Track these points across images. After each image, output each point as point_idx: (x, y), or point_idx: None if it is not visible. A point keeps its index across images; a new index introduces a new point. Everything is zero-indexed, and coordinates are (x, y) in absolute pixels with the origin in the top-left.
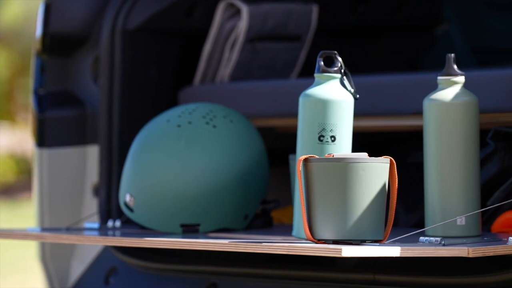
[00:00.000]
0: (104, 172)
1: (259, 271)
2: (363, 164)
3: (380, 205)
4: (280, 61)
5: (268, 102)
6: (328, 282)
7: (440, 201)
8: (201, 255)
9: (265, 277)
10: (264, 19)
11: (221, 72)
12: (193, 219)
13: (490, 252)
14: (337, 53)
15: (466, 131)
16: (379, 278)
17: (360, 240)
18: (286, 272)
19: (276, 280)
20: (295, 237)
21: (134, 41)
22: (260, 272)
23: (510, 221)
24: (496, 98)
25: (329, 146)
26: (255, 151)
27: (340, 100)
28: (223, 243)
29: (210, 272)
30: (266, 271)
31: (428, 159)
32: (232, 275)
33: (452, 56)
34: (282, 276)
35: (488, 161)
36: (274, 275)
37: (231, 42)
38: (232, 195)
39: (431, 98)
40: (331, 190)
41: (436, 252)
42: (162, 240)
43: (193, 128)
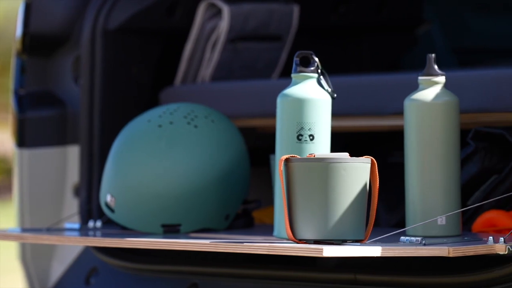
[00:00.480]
0: (85, 172)
1: (240, 271)
2: (344, 164)
3: (361, 205)
4: (261, 61)
5: (250, 102)
6: (309, 282)
7: (421, 201)
8: (182, 255)
9: (246, 277)
10: (245, 19)
11: (202, 72)
12: (174, 219)
13: (471, 252)
14: (313, 53)
15: (447, 131)
16: (360, 278)
17: (341, 240)
18: (267, 272)
19: (257, 280)
20: (276, 237)
21: (114, 41)
22: (241, 272)
23: (490, 221)
24: (476, 98)
25: (308, 145)
26: (236, 151)
27: (317, 99)
28: (204, 243)
29: (191, 272)
30: (247, 271)
31: (408, 159)
32: (213, 275)
33: (432, 56)
34: (264, 276)
35: (468, 161)
36: (255, 275)
37: (212, 42)
38: (213, 195)
39: (412, 98)
40: (312, 190)
41: (417, 252)
42: (143, 241)
43: (174, 128)
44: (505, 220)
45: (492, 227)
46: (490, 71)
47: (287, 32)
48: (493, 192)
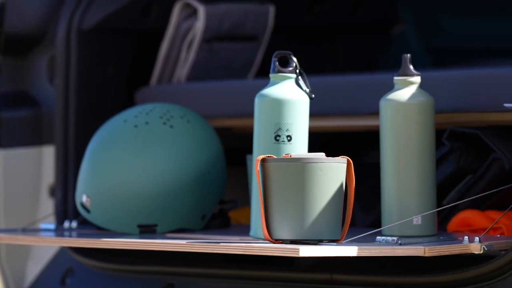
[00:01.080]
0: (60, 172)
1: (217, 271)
2: (321, 164)
3: (338, 205)
4: (237, 61)
5: (225, 102)
6: (285, 282)
7: (397, 201)
8: (158, 256)
9: (222, 277)
10: (221, 19)
11: (178, 72)
12: (150, 220)
13: (446, 252)
14: (292, 53)
15: (422, 131)
16: (336, 277)
17: (317, 240)
18: (243, 272)
19: (233, 280)
20: (253, 237)
21: (90, 41)
22: (218, 272)
23: (465, 221)
24: (451, 98)
25: (286, 145)
26: (212, 151)
27: (295, 99)
28: (180, 244)
29: (167, 272)
30: (223, 271)
31: (384, 159)
32: (189, 276)
33: (408, 57)
34: (240, 276)
35: (443, 161)
36: (232, 275)
37: (188, 42)
38: (190, 195)
39: (387, 98)
40: (289, 190)
41: (393, 252)
42: (119, 241)
43: (150, 128)
44: (480, 220)
45: (467, 227)
46: (464, 71)
47: (262, 32)
48: (468, 192)
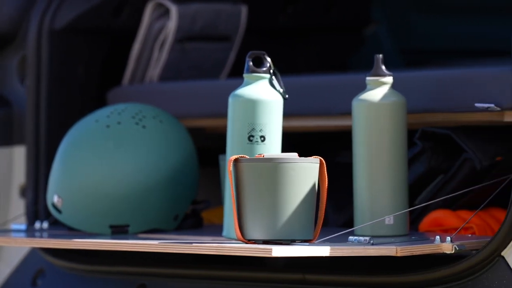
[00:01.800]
0: (31, 172)
1: (189, 271)
2: (293, 164)
3: (310, 205)
4: (209, 61)
5: (198, 103)
6: (258, 282)
7: (369, 201)
8: (130, 256)
9: (195, 278)
10: (193, 19)
11: (150, 72)
12: (122, 220)
13: (418, 251)
14: (265, 53)
15: (394, 131)
16: (308, 277)
17: (290, 240)
18: (216, 272)
19: (206, 280)
20: (226, 237)
21: (61, 40)
22: (190, 272)
23: (437, 220)
24: (423, 98)
25: (259, 146)
26: (184, 151)
27: (269, 100)
28: (153, 244)
29: (140, 273)
30: (196, 271)
31: (357, 159)
32: (161, 276)
33: (380, 57)
34: (213, 277)
35: (415, 161)
36: (204, 276)
37: (160, 42)
38: (162, 195)
39: (360, 99)
40: (261, 190)
41: (365, 251)
42: (91, 242)
43: (122, 128)
44: (452, 220)
45: (438, 227)
46: (436, 72)
47: (235, 32)
48: (440, 192)
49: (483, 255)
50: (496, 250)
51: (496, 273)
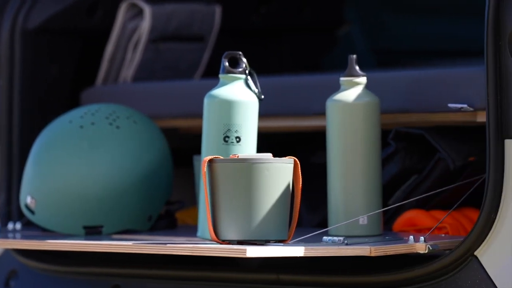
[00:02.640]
0: (4, 173)
1: (163, 272)
2: (268, 165)
3: (284, 205)
4: (183, 61)
5: (172, 103)
6: (232, 282)
7: (343, 201)
8: (104, 257)
9: (169, 279)
10: (167, 20)
11: (124, 73)
12: (96, 221)
13: (392, 251)
14: (241, 54)
15: (368, 132)
16: (283, 278)
17: (264, 240)
18: (190, 273)
19: (180, 281)
20: (200, 238)
21: (34, 41)
22: (164, 273)
23: (410, 220)
24: (397, 98)
25: (234, 146)
26: (159, 152)
27: (245, 101)
28: (127, 245)
29: (113, 274)
30: (170, 272)
31: (331, 159)
32: (135, 277)
33: (354, 57)
34: (187, 277)
35: (389, 161)
36: (178, 276)
37: (134, 42)
38: (136, 196)
39: (334, 99)
40: (236, 191)
41: (339, 252)
42: (64, 243)
43: (96, 129)
44: (425, 220)
45: (412, 227)
46: (410, 72)
47: (209, 33)
48: (413, 192)
49: (457, 255)
50: (469, 250)
51: (469, 272)
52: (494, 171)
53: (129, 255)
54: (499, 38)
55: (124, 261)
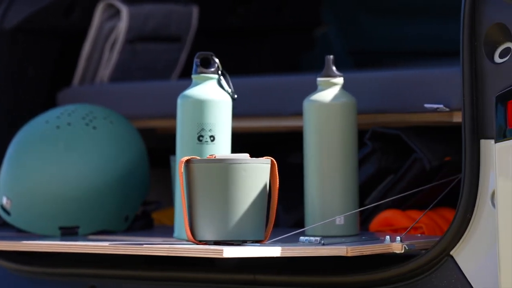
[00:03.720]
0: None
1: (140, 273)
2: (245, 165)
3: (261, 206)
4: (160, 62)
5: (149, 103)
6: (209, 283)
7: (320, 201)
8: (80, 258)
9: (146, 279)
10: (144, 20)
11: (101, 73)
12: (71, 222)
13: (368, 251)
14: (213, 54)
15: (345, 132)
16: (259, 278)
17: (241, 241)
18: (167, 273)
19: (157, 282)
20: (177, 238)
21: (11, 41)
22: (141, 274)
23: (387, 220)
24: (373, 99)
25: (209, 146)
26: (135, 152)
27: (217, 100)
28: (103, 246)
29: (90, 274)
30: (146, 273)
31: (308, 159)
32: (112, 278)
33: (331, 58)
34: (163, 278)
35: (366, 161)
36: (155, 277)
37: (111, 42)
38: (112, 196)
39: (311, 99)
40: (213, 191)
41: (316, 252)
42: (40, 244)
43: (72, 129)
44: (401, 220)
45: (388, 227)
46: (386, 72)
47: (186, 33)
48: (390, 192)
49: (432, 255)
50: (445, 250)
51: (445, 272)
52: (469, 171)
53: (105, 256)
54: (474, 39)
55: (100, 262)
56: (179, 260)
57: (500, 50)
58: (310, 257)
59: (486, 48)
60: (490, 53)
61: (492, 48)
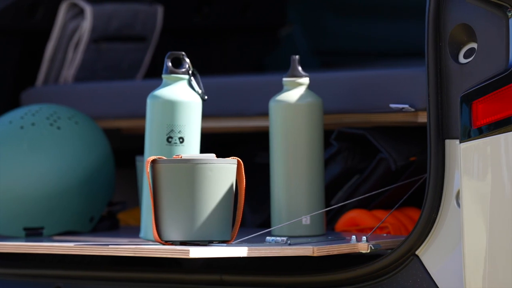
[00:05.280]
0: None
1: (106, 273)
2: (211, 165)
3: (228, 206)
4: (125, 61)
5: (114, 103)
6: (175, 283)
7: (286, 201)
8: (45, 259)
9: (112, 280)
10: (108, 20)
11: (65, 73)
12: (36, 222)
13: (334, 251)
14: (185, 54)
15: (311, 132)
16: (226, 278)
17: (207, 241)
18: (133, 274)
19: (123, 282)
20: (143, 239)
21: None
22: (107, 275)
23: (352, 220)
24: (339, 99)
25: (178, 147)
26: (100, 152)
27: (188, 101)
28: (68, 246)
29: (55, 275)
30: (113, 273)
31: (274, 159)
32: (77, 279)
33: (296, 58)
34: (129, 279)
35: (332, 161)
36: (121, 278)
37: (75, 42)
38: (77, 197)
39: (277, 99)
40: (179, 191)
41: (282, 252)
42: (5, 244)
43: (36, 129)
44: (367, 219)
45: (354, 226)
46: (352, 73)
47: (151, 33)
48: (356, 192)
49: (398, 254)
50: (410, 249)
51: (411, 271)
52: (435, 171)
53: (71, 257)
54: (439, 40)
55: (65, 263)
56: (146, 261)
57: (465, 50)
58: (277, 257)
59: (451, 48)
60: (454, 54)
61: (456, 48)
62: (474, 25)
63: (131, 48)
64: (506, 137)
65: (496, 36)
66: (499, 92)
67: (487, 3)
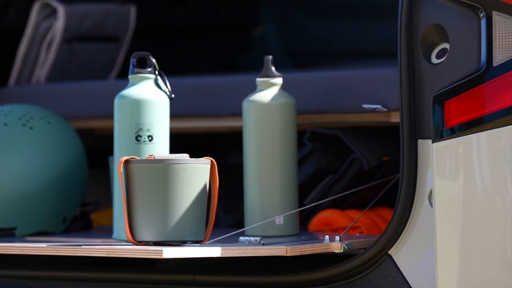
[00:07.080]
0: None
1: (79, 274)
2: (184, 165)
3: (201, 206)
4: (98, 61)
5: (87, 103)
6: (148, 284)
7: (259, 201)
8: (17, 259)
9: (84, 281)
10: (81, 19)
11: (38, 73)
12: (8, 223)
13: (308, 251)
14: (150, 54)
15: (284, 132)
16: (199, 278)
17: (181, 241)
18: (106, 275)
19: (96, 283)
20: (116, 239)
21: None
22: (80, 275)
23: (326, 220)
24: (312, 99)
25: (147, 146)
26: (73, 153)
27: (154, 100)
28: (41, 247)
29: (27, 276)
30: (85, 274)
31: (247, 159)
32: (50, 279)
33: (270, 58)
34: (102, 279)
35: (305, 161)
36: (94, 278)
37: (48, 42)
38: (50, 198)
39: (250, 100)
40: (152, 191)
41: (256, 252)
42: None
43: (8, 130)
44: (340, 219)
45: (327, 226)
46: (325, 73)
47: (124, 33)
48: (329, 192)
49: (371, 254)
50: (383, 249)
51: (384, 271)
52: (407, 171)
53: (43, 257)
54: (411, 40)
55: (38, 263)
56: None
57: (437, 50)
58: (250, 257)
59: (423, 48)
60: (427, 54)
61: (429, 48)
62: (446, 26)
63: (104, 48)
64: (478, 137)
65: (468, 37)
66: (471, 92)
67: (459, 3)
